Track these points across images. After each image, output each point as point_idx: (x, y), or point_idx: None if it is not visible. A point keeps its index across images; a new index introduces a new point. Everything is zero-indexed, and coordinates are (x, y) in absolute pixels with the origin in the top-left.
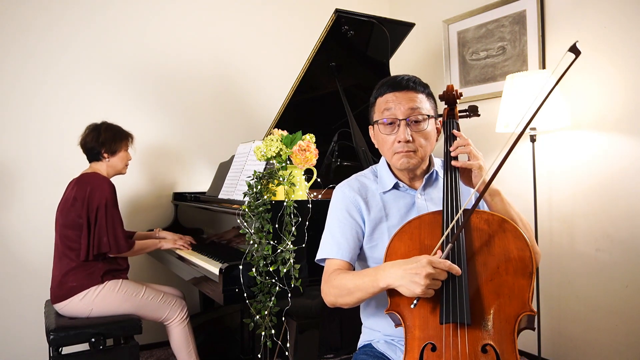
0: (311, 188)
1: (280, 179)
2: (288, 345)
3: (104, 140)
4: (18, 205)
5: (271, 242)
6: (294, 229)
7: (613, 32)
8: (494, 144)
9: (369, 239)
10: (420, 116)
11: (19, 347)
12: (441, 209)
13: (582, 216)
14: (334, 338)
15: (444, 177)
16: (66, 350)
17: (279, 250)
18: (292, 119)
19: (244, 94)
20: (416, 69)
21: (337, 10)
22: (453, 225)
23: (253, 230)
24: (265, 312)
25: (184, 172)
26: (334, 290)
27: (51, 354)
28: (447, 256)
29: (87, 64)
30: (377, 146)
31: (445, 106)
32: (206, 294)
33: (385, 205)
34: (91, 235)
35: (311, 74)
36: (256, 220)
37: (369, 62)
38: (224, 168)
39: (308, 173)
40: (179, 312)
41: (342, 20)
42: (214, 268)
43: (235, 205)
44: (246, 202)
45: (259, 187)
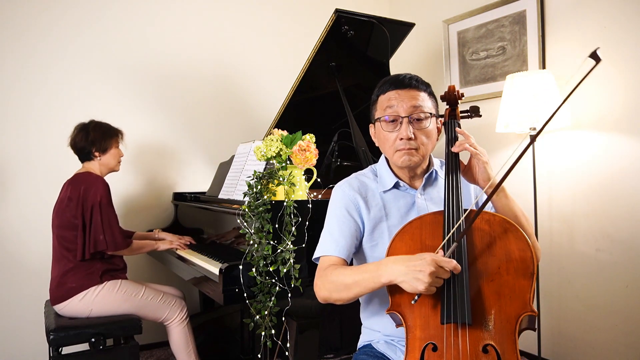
0: (311, 188)
1: (280, 179)
2: (288, 345)
3: (93, 139)
4: (17, 205)
5: (271, 242)
6: (294, 229)
7: (613, 32)
8: (494, 144)
9: (369, 238)
10: (422, 114)
11: (19, 347)
12: (441, 209)
13: (582, 216)
14: (334, 338)
15: (446, 177)
16: (66, 350)
17: (279, 250)
18: (292, 119)
19: (244, 94)
20: (416, 69)
21: (337, 10)
22: (459, 224)
23: (253, 230)
24: (265, 312)
25: (184, 172)
26: (330, 285)
27: (51, 354)
28: (451, 255)
29: (87, 64)
30: (378, 144)
31: (447, 106)
32: (206, 294)
33: (385, 204)
34: (87, 235)
35: (311, 74)
36: (256, 220)
37: (369, 62)
38: (224, 168)
39: (308, 173)
40: (179, 313)
41: (342, 20)
42: (214, 268)
43: (235, 205)
44: (246, 202)
45: (259, 187)
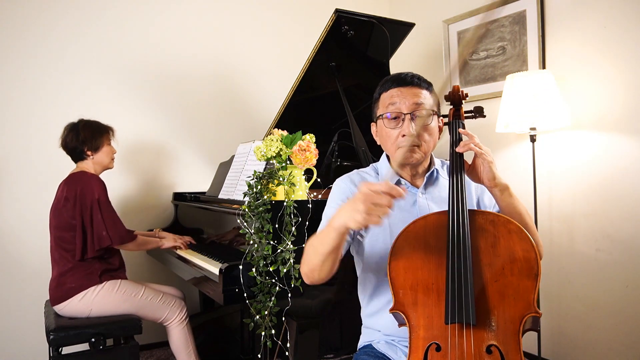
0: (311, 188)
1: (280, 179)
2: (288, 345)
3: (84, 138)
4: (18, 205)
5: (271, 242)
6: (294, 229)
7: (613, 32)
8: (494, 144)
9: (369, 235)
10: (424, 111)
11: (19, 347)
12: (443, 208)
13: (582, 216)
14: (334, 338)
15: (450, 178)
16: (66, 350)
17: (279, 250)
18: (292, 119)
19: (244, 94)
20: (416, 69)
21: (337, 10)
22: (464, 225)
23: (253, 230)
24: (265, 312)
25: (184, 172)
26: (305, 257)
27: (51, 354)
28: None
29: (88, 64)
30: (380, 142)
31: (451, 107)
32: (206, 294)
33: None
34: (88, 234)
35: (311, 74)
36: (256, 220)
37: (369, 62)
38: (224, 168)
39: (308, 173)
40: (179, 313)
41: (342, 20)
42: (214, 268)
43: (235, 205)
44: (246, 202)
45: (259, 187)
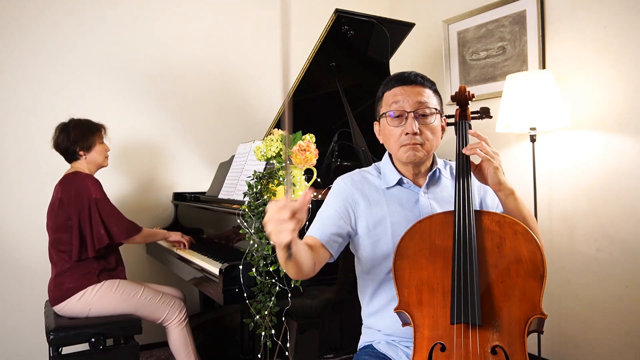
0: (311, 188)
1: (280, 179)
2: (288, 345)
3: (75, 138)
4: (18, 205)
5: (271, 242)
6: None
7: (613, 33)
8: (494, 144)
9: (370, 234)
10: (427, 109)
11: (19, 347)
12: (445, 208)
13: (582, 216)
14: (334, 338)
15: (457, 178)
16: (66, 350)
17: None
18: (292, 119)
19: (244, 94)
20: (416, 69)
21: (337, 10)
22: (470, 225)
23: (253, 230)
24: (265, 312)
25: (184, 172)
26: None
27: (51, 354)
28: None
29: (87, 64)
30: (383, 141)
31: (457, 107)
32: (206, 294)
33: (388, 201)
34: (87, 234)
35: (311, 74)
36: (256, 220)
37: (369, 62)
38: (224, 168)
39: (308, 173)
40: (178, 314)
41: (342, 20)
42: (214, 268)
43: (235, 205)
44: (246, 202)
45: (259, 187)
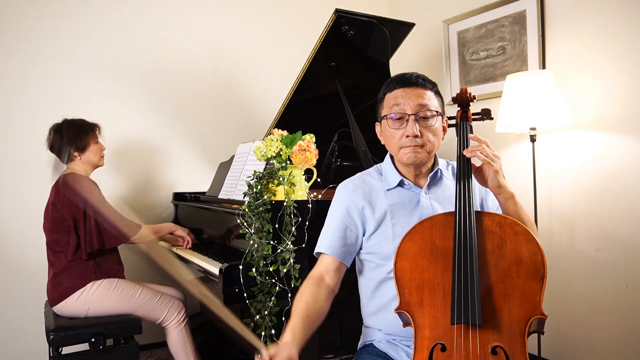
0: (311, 188)
1: (280, 179)
2: None
3: (68, 139)
4: (17, 205)
5: (271, 242)
6: (294, 229)
7: (612, 33)
8: (494, 144)
9: (373, 236)
10: (428, 112)
11: (19, 347)
12: (447, 208)
13: (582, 216)
14: (334, 338)
15: (457, 179)
16: (66, 350)
17: (279, 250)
18: (292, 119)
19: (244, 94)
20: (416, 69)
21: (337, 10)
22: (471, 227)
23: (253, 230)
24: (265, 312)
25: (184, 172)
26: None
27: (51, 354)
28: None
29: (87, 64)
30: (384, 142)
31: (459, 108)
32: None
33: (390, 202)
34: (82, 236)
35: (311, 74)
36: (256, 220)
37: (369, 62)
38: (224, 168)
39: (308, 173)
40: (177, 314)
41: (342, 20)
42: (214, 268)
43: (235, 205)
44: (246, 202)
45: (259, 187)
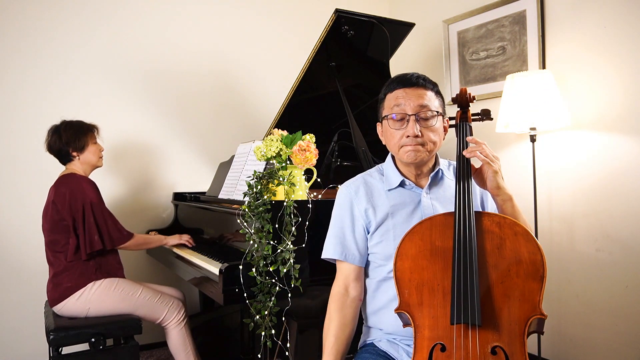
0: (311, 188)
1: (280, 179)
2: (288, 345)
3: (67, 139)
4: (17, 205)
5: (271, 242)
6: (294, 229)
7: (612, 33)
8: (494, 144)
9: (375, 235)
10: (429, 112)
11: (19, 347)
12: (448, 208)
13: (582, 216)
14: None
15: (457, 180)
16: (66, 350)
17: (279, 250)
18: (292, 119)
19: (244, 94)
20: (416, 69)
21: (337, 10)
22: (470, 227)
23: (253, 230)
24: (265, 312)
25: (184, 172)
26: (325, 320)
27: (51, 354)
28: None
29: (87, 64)
30: (385, 142)
31: (458, 109)
32: (206, 294)
33: (391, 202)
34: (81, 236)
35: (311, 74)
36: (256, 220)
37: (369, 62)
38: (224, 168)
39: (308, 173)
40: (176, 314)
41: (342, 20)
42: (214, 268)
43: (235, 205)
44: (246, 202)
45: (259, 187)
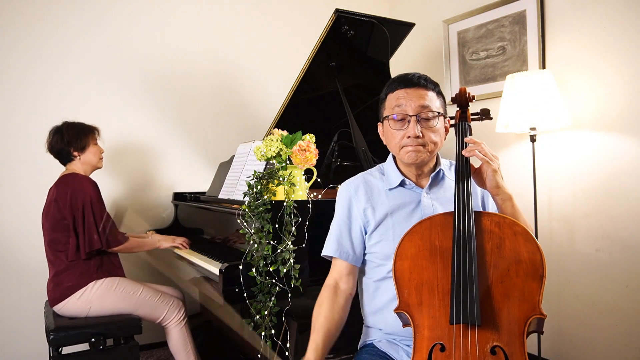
0: (311, 188)
1: (280, 179)
2: (288, 345)
3: (69, 139)
4: (17, 206)
5: (271, 242)
6: (294, 229)
7: (613, 33)
8: (494, 144)
9: (374, 235)
10: (430, 113)
11: (19, 347)
12: (448, 209)
13: (582, 216)
14: None
15: (456, 179)
16: (66, 350)
17: (279, 250)
18: (292, 119)
19: (244, 94)
20: (416, 69)
21: (337, 10)
22: (469, 227)
23: (253, 230)
24: (265, 312)
25: (184, 172)
26: (315, 306)
27: (51, 354)
28: None
29: (87, 64)
30: (385, 142)
31: (458, 109)
32: (206, 294)
33: (391, 202)
34: (80, 235)
35: (311, 74)
36: (256, 220)
37: (369, 62)
38: (224, 168)
39: (308, 173)
40: (177, 313)
41: (342, 20)
42: (214, 268)
43: (235, 205)
44: (246, 202)
45: (259, 187)
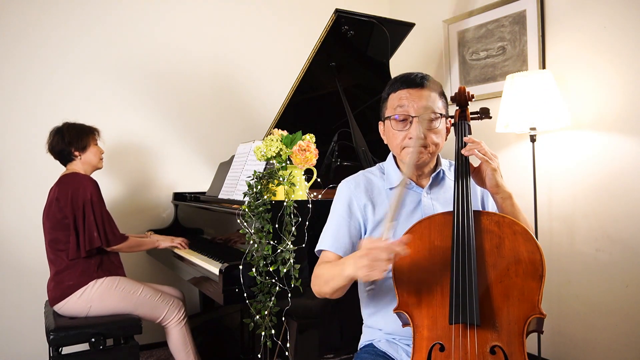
0: (311, 188)
1: (280, 179)
2: (288, 345)
3: (69, 139)
4: (17, 205)
5: (271, 242)
6: (294, 229)
7: (613, 33)
8: (495, 144)
9: (373, 234)
10: (432, 114)
11: (19, 347)
12: (448, 209)
13: (582, 216)
14: (334, 338)
15: (456, 179)
16: (66, 350)
17: (279, 250)
18: (292, 119)
19: (244, 94)
20: (416, 69)
21: (337, 10)
22: (468, 226)
23: (253, 230)
24: (265, 312)
25: (184, 172)
26: (316, 280)
27: (51, 354)
28: (390, 234)
29: (87, 65)
30: (387, 142)
31: (457, 108)
32: (206, 294)
33: (391, 201)
34: (80, 233)
35: (311, 74)
36: (256, 220)
37: (369, 62)
38: (224, 168)
39: (308, 173)
40: (177, 313)
41: (342, 20)
42: (214, 268)
43: (235, 205)
44: (246, 202)
45: (259, 187)
